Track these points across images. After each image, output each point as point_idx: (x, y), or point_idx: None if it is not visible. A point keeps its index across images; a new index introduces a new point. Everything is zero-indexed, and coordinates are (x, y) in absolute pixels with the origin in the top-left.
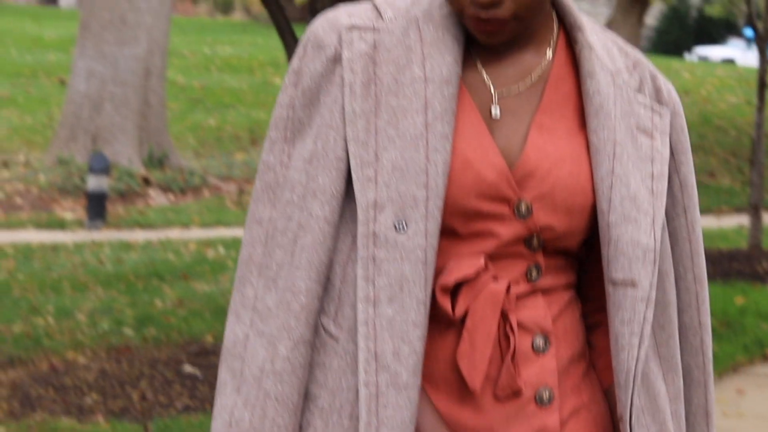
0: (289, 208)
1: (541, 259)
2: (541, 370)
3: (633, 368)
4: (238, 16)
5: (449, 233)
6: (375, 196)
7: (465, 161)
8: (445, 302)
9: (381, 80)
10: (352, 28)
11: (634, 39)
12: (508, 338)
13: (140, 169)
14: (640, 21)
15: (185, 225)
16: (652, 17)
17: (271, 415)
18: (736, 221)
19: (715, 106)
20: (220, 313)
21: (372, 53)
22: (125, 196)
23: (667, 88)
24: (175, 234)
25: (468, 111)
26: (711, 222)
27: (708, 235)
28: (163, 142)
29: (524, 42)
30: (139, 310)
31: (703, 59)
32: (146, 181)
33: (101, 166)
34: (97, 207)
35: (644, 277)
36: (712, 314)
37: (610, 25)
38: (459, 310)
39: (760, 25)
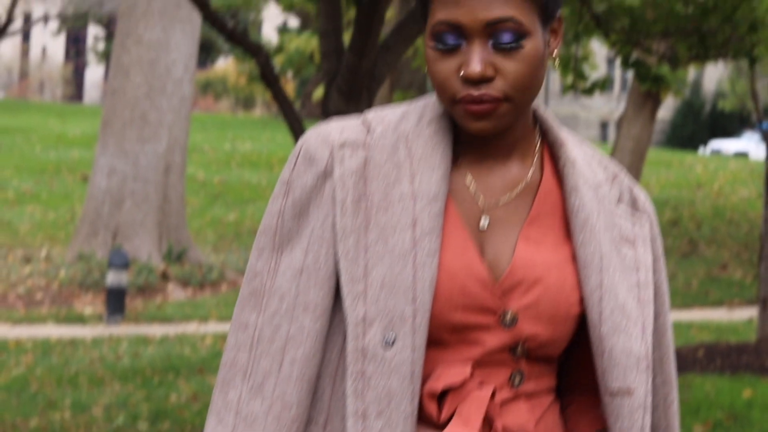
0: (277, 317)
1: (524, 365)
2: None
3: None
4: (258, 112)
5: (437, 342)
6: (364, 311)
7: (451, 275)
8: (432, 408)
9: (371, 197)
10: (344, 144)
11: (646, 134)
12: None
13: (159, 264)
14: (652, 116)
15: (203, 319)
16: (667, 111)
17: None
18: (748, 314)
19: (728, 199)
20: None
21: (362, 170)
22: (144, 290)
23: (642, 197)
24: (192, 328)
25: (455, 225)
26: (722, 315)
27: (718, 328)
28: (182, 237)
29: (510, 155)
30: (154, 405)
31: (717, 152)
32: (165, 276)
33: (121, 261)
34: (116, 302)
35: (640, 384)
36: (720, 407)
37: (623, 120)
38: (445, 415)
39: (766, 123)
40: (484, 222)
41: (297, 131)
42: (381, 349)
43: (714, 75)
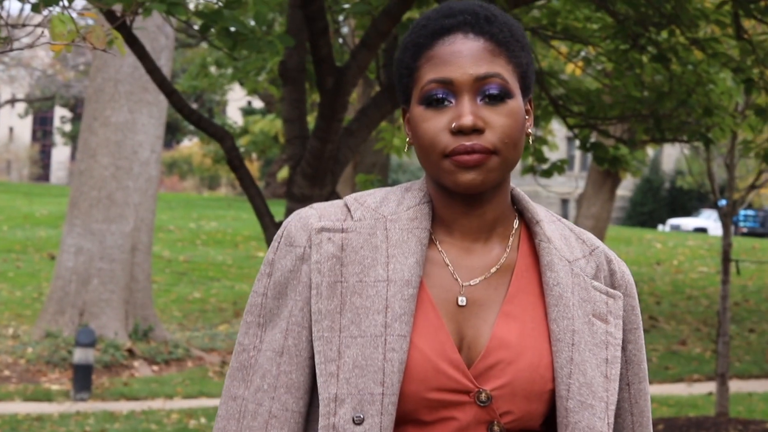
0: (260, 394)
1: None
2: None
3: None
4: (223, 191)
5: (415, 421)
6: (336, 391)
7: (424, 358)
8: None
9: (347, 280)
10: (322, 230)
11: (605, 212)
12: None
13: (126, 342)
14: (612, 195)
15: (168, 396)
16: (627, 189)
17: None
18: (707, 389)
19: (687, 275)
20: None
21: (339, 254)
22: (111, 367)
23: (621, 270)
24: (158, 405)
25: (428, 309)
26: (682, 389)
27: (678, 402)
28: (148, 315)
29: (489, 235)
30: None
31: (676, 229)
32: (131, 353)
33: (88, 339)
34: (83, 379)
35: None
36: None
37: (583, 199)
38: None
39: (724, 200)
40: (462, 300)
41: (262, 213)
42: (351, 427)
43: (673, 153)
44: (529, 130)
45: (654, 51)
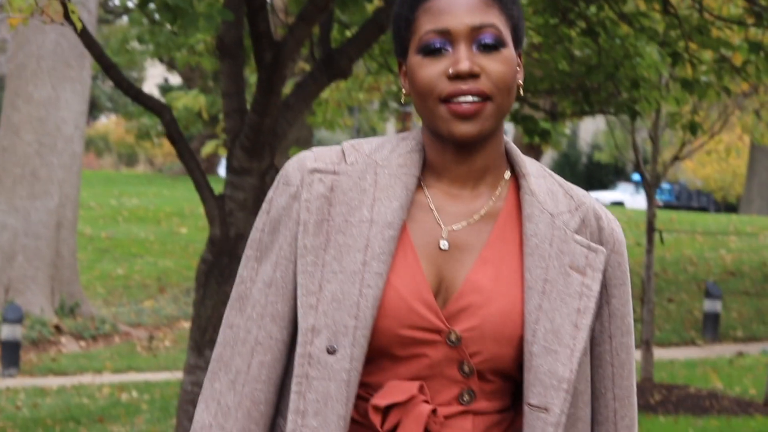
0: (249, 323)
1: (474, 384)
2: None
3: None
4: (141, 168)
5: (388, 356)
6: (314, 322)
7: (398, 296)
8: (376, 419)
9: (333, 219)
10: (314, 171)
11: None
12: None
13: (52, 318)
14: None
15: (97, 371)
16: (545, 163)
17: None
18: None
19: None
20: None
21: (329, 194)
22: (38, 344)
23: (611, 227)
24: (87, 379)
25: (407, 251)
26: None
27: None
28: (74, 291)
29: (477, 183)
30: None
31: None
32: (58, 329)
33: (15, 316)
34: (11, 355)
35: (556, 404)
36: None
37: None
38: (388, 426)
39: (647, 172)
40: (444, 244)
41: (202, 186)
42: (324, 356)
43: (590, 128)
44: (520, 81)
45: (583, 25)
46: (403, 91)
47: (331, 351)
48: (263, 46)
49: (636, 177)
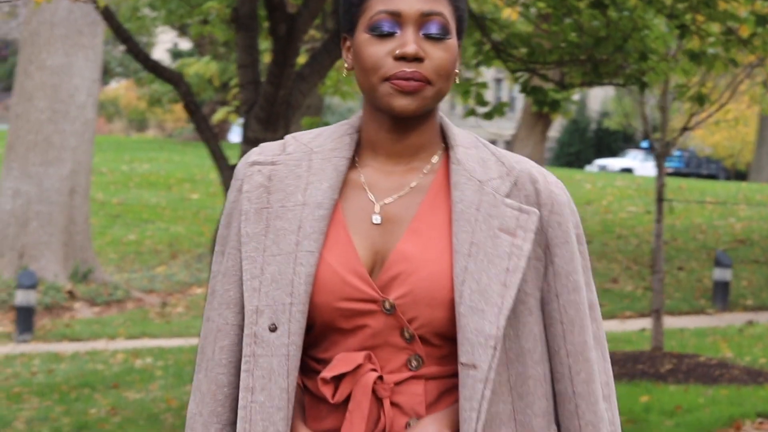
0: (212, 312)
1: (420, 349)
2: None
3: None
4: (152, 133)
5: (335, 330)
6: (257, 303)
7: (332, 271)
8: (326, 391)
9: (272, 206)
10: (254, 164)
11: (538, 153)
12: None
13: (66, 284)
14: (544, 136)
15: (111, 337)
16: (554, 130)
17: None
18: (640, 325)
19: (616, 215)
20: (152, 420)
21: (267, 184)
22: (52, 309)
23: (548, 189)
24: (101, 345)
25: (339, 228)
26: (615, 326)
27: (612, 338)
28: (87, 257)
29: (411, 159)
30: (75, 418)
31: (602, 169)
32: (72, 295)
33: (29, 281)
34: (25, 321)
35: (484, 361)
36: (621, 412)
37: (516, 140)
38: (339, 397)
39: (656, 140)
40: (376, 219)
41: (218, 156)
42: (267, 334)
43: (599, 95)
44: (457, 71)
45: None
46: (345, 65)
47: (272, 329)
48: (277, 18)
49: (645, 144)
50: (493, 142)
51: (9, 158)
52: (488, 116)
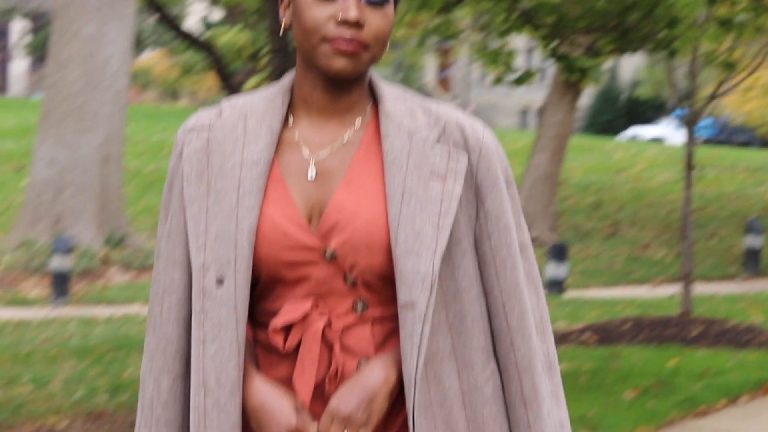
0: (158, 274)
1: (364, 293)
2: None
3: (413, 374)
4: (184, 102)
5: (281, 281)
6: (204, 260)
7: (273, 224)
8: (276, 339)
9: (212, 168)
10: (192, 129)
11: (568, 121)
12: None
13: (101, 250)
14: (574, 104)
15: (145, 301)
16: (586, 98)
17: None
18: (670, 291)
19: (647, 183)
20: None
21: (206, 147)
22: (87, 274)
23: (476, 136)
24: (135, 309)
25: (277, 184)
26: (646, 292)
27: (643, 304)
28: (120, 223)
29: (343, 116)
30: (111, 379)
31: (634, 138)
32: (106, 261)
33: (65, 247)
34: (61, 286)
35: (421, 300)
36: (648, 375)
37: (546, 109)
38: (290, 344)
39: (685, 108)
40: (311, 173)
41: None
42: (214, 288)
43: (630, 63)
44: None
45: None
46: (283, 22)
47: (219, 282)
48: None
49: (677, 113)
50: (524, 112)
51: (43, 127)
52: (518, 82)
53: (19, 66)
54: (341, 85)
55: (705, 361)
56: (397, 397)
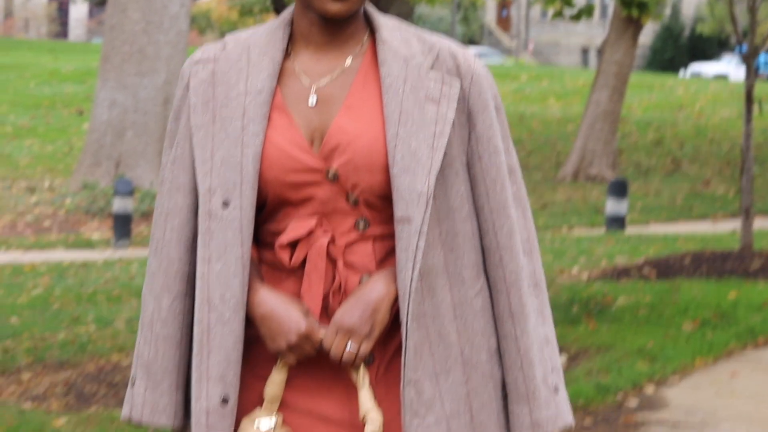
0: (162, 199)
1: (365, 212)
2: None
3: (408, 284)
4: None
5: (286, 203)
6: (210, 184)
7: (277, 148)
8: (283, 256)
9: (217, 98)
10: (198, 62)
11: (628, 59)
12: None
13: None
14: (634, 41)
15: None
16: (647, 36)
17: (162, 350)
18: (731, 226)
19: (709, 119)
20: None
21: (211, 79)
22: (148, 216)
23: (467, 63)
24: None
25: (281, 111)
26: (707, 228)
27: (703, 239)
28: None
29: (341, 46)
30: None
31: (696, 75)
32: None
33: (126, 189)
34: (122, 227)
35: (417, 215)
36: (708, 307)
37: (606, 46)
38: (296, 260)
39: (747, 43)
40: (312, 100)
41: None
42: (221, 210)
43: (693, 0)
44: None
45: None
46: None
47: (225, 205)
48: None
49: (740, 49)
50: (585, 51)
51: (104, 69)
52: (576, 17)
53: (79, 10)
54: (337, 23)
55: (765, 293)
56: (397, 314)
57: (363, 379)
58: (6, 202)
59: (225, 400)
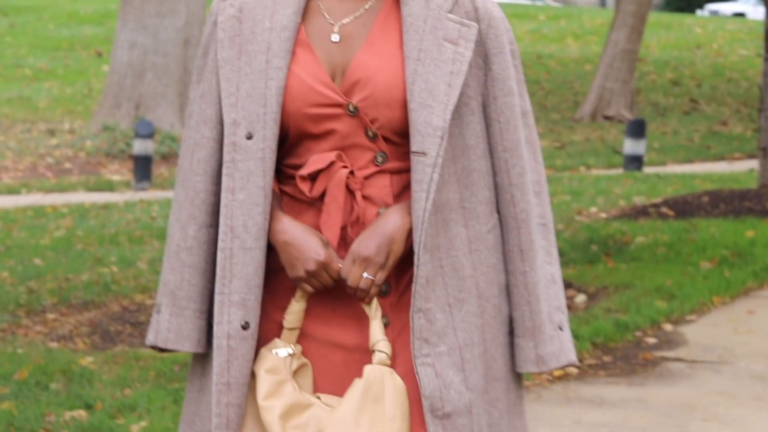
0: (189, 131)
1: (383, 146)
2: None
3: (422, 214)
4: None
5: (307, 135)
6: (235, 116)
7: (300, 81)
8: (304, 186)
9: (243, 33)
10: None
11: None
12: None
13: (181, 133)
14: None
15: None
16: None
17: (187, 278)
18: (749, 165)
19: (727, 58)
20: None
21: (238, 15)
22: (168, 158)
23: (485, 7)
24: None
25: (304, 46)
26: (724, 167)
27: (721, 178)
28: None
29: None
30: None
31: (715, 14)
32: None
33: (146, 131)
34: (143, 169)
35: (432, 149)
36: (725, 246)
37: None
38: (316, 192)
39: None
40: (335, 37)
41: None
42: (244, 142)
43: None
44: None
45: None
46: None
47: (249, 137)
48: None
49: None
50: None
51: (124, 11)
52: None
53: None
54: None
55: None
56: (412, 246)
57: (375, 312)
58: (26, 144)
59: (246, 325)
